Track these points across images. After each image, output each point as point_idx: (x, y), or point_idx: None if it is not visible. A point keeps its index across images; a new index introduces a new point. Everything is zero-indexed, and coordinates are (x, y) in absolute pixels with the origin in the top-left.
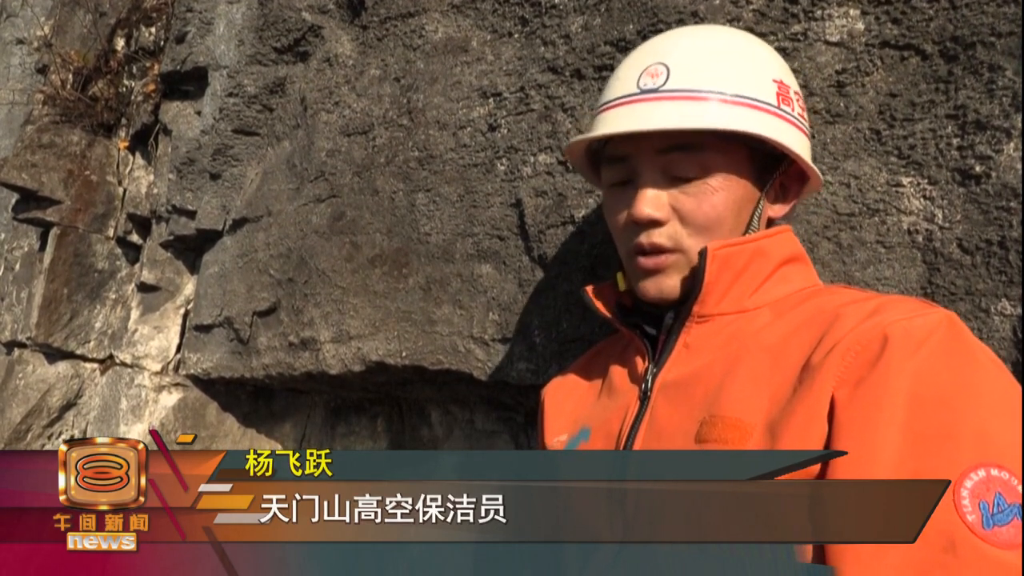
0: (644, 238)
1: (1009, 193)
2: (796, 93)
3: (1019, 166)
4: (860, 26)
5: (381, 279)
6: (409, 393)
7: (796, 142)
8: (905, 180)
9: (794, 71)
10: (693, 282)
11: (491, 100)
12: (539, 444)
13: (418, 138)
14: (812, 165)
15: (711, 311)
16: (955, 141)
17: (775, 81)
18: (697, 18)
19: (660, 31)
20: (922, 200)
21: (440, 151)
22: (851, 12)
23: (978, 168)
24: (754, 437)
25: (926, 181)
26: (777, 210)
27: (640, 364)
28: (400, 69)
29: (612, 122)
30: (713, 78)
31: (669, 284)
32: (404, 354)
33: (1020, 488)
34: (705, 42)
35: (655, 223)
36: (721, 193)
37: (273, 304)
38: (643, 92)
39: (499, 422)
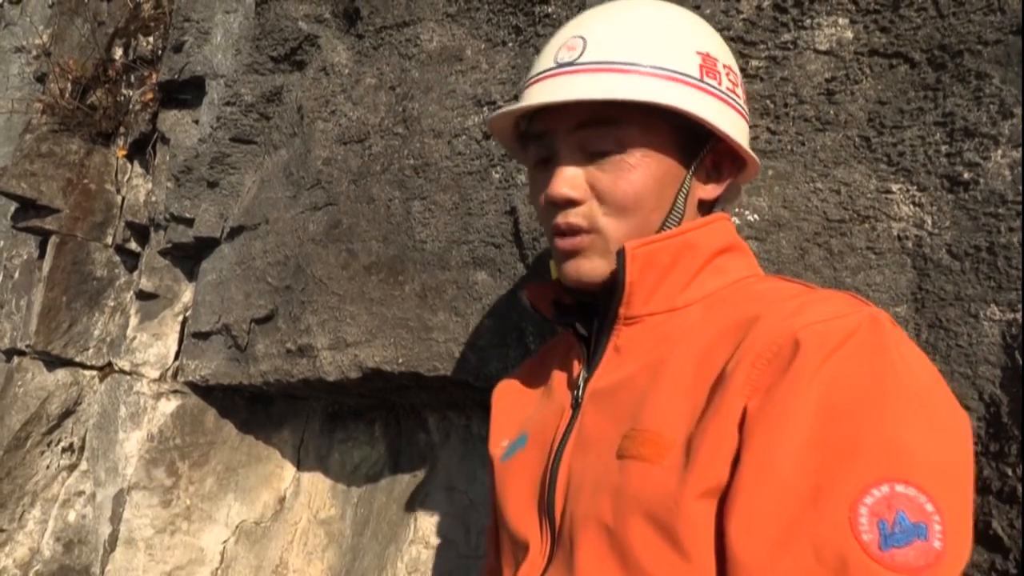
0: (560, 218)
1: (997, 199)
2: (727, 67)
3: (1007, 172)
4: (849, 35)
5: (377, 286)
6: (406, 398)
7: (721, 116)
8: (895, 187)
9: (784, 79)
10: (614, 283)
11: (486, 108)
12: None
13: (413, 146)
14: (739, 141)
15: (639, 312)
16: (944, 148)
17: (699, 53)
18: None
19: None
20: (911, 206)
21: (435, 159)
22: (840, 21)
23: (966, 175)
24: (672, 452)
25: (915, 188)
26: (710, 191)
27: (576, 368)
28: (395, 78)
29: (526, 99)
30: (629, 50)
31: (587, 267)
32: (400, 361)
33: (928, 506)
34: (626, 14)
35: (571, 202)
36: (640, 170)
37: (271, 311)
38: (559, 66)
39: None
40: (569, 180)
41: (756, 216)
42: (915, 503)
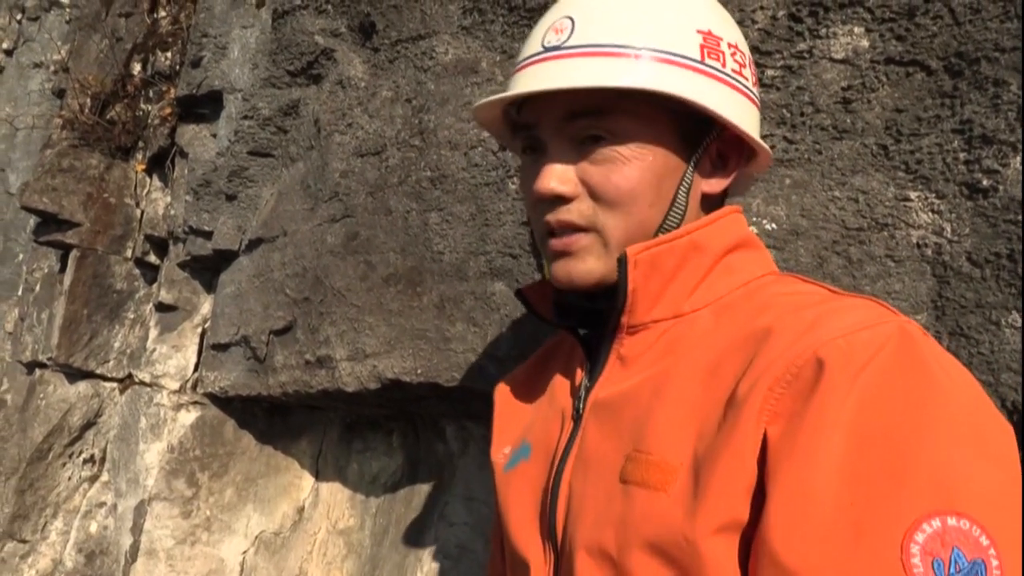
0: (552, 216)
1: (1016, 206)
2: (731, 45)
3: None
4: (865, 43)
5: (396, 297)
6: (424, 409)
7: (724, 101)
8: (913, 194)
9: (800, 88)
10: (616, 290)
11: None
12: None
13: (430, 158)
14: (745, 127)
15: (643, 319)
16: (962, 155)
17: (700, 32)
18: None
19: None
20: (930, 214)
21: (452, 171)
22: (856, 30)
23: (985, 182)
24: (679, 479)
25: (934, 195)
26: (715, 184)
27: (578, 375)
28: (411, 90)
29: (511, 86)
30: (620, 30)
31: (581, 269)
32: (419, 371)
33: (983, 539)
34: None
35: (561, 199)
36: (635, 163)
37: (289, 323)
38: (546, 51)
39: None
40: (558, 174)
41: (774, 225)
42: (970, 537)
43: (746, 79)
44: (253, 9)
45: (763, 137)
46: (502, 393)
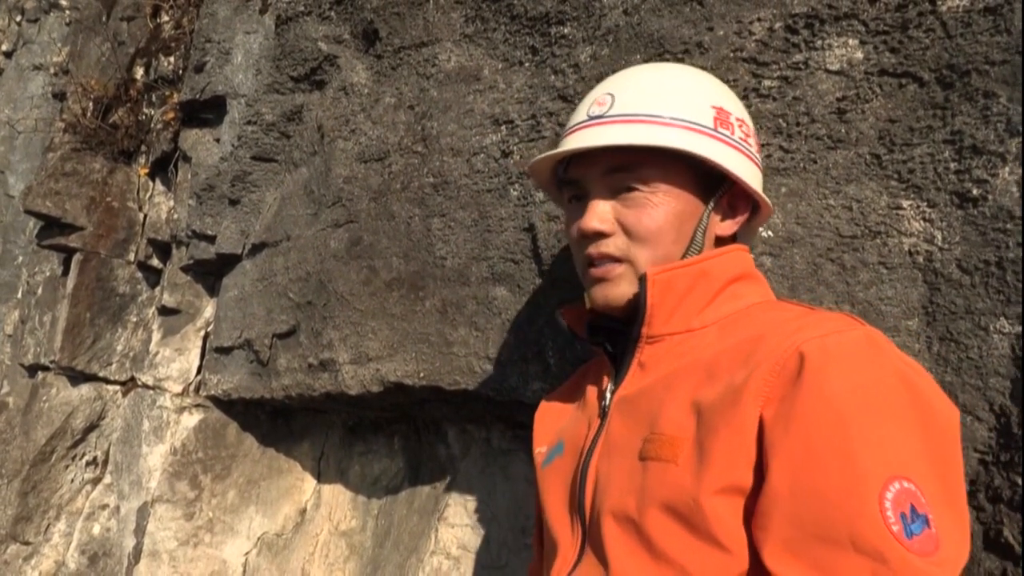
0: (593, 249)
1: (1005, 215)
2: (739, 120)
3: (1014, 189)
4: (859, 55)
5: (398, 302)
6: (426, 412)
7: (732, 160)
8: (905, 203)
9: (796, 99)
10: (638, 305)
11: (503, 127)
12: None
13: (433, 164)
14: (749, 183)
15: (659, 332)
16: (953, 165)
17: (714, 107)
18: (701, 48)
19: (666, 61)
20: (922, 222)
21: (454, 177)
22: (850, 42)
23: (975, 191)
24: (685, 451)
25: (925, 204)
26: (726, 227)
27: (605, 381)
28: (414, 97)
29: (564, 146)
30: (651, 104)
31: (615, 292)
32: (422, 375)
33: (923, 498)
34: (651, 75)
35: (601, 235)
36: (662, 207)
37: (292, 326)
38: (591, 119)
39: (515, 440)
40: (599, 215)
41: (770, 232)
42: (915, 496)
43: (751, 146)
44: (257, 15)
45: (760, 147)
46: (542, 408)
